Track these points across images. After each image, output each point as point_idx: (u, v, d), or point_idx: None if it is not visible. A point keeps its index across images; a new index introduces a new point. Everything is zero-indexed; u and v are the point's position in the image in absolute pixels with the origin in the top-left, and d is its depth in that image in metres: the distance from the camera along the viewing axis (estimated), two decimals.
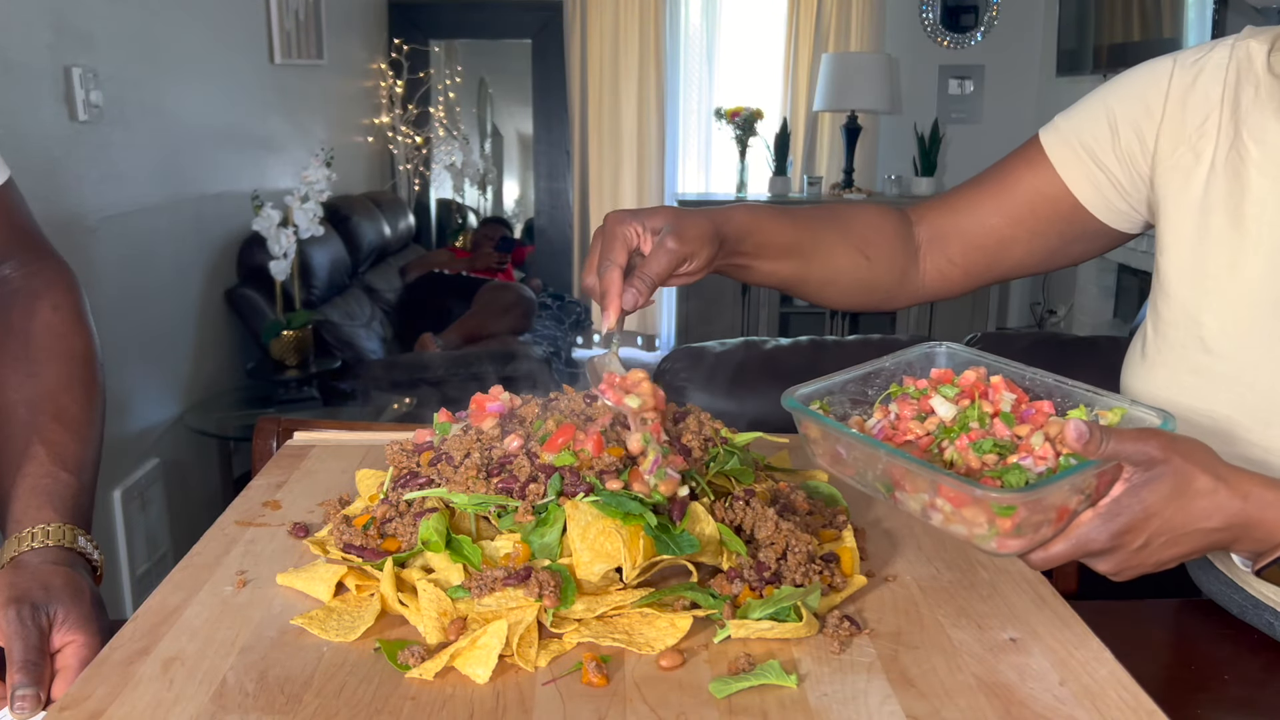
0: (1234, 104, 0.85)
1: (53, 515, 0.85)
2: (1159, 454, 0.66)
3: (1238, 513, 0.68)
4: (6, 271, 0.99)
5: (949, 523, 0.69)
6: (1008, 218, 0.98)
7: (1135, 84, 0.91)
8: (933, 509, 0.70)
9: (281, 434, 1.15)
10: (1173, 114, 0.88)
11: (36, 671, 0.73)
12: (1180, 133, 0.87)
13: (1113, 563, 0.70)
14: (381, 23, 5.13)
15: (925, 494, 0.70)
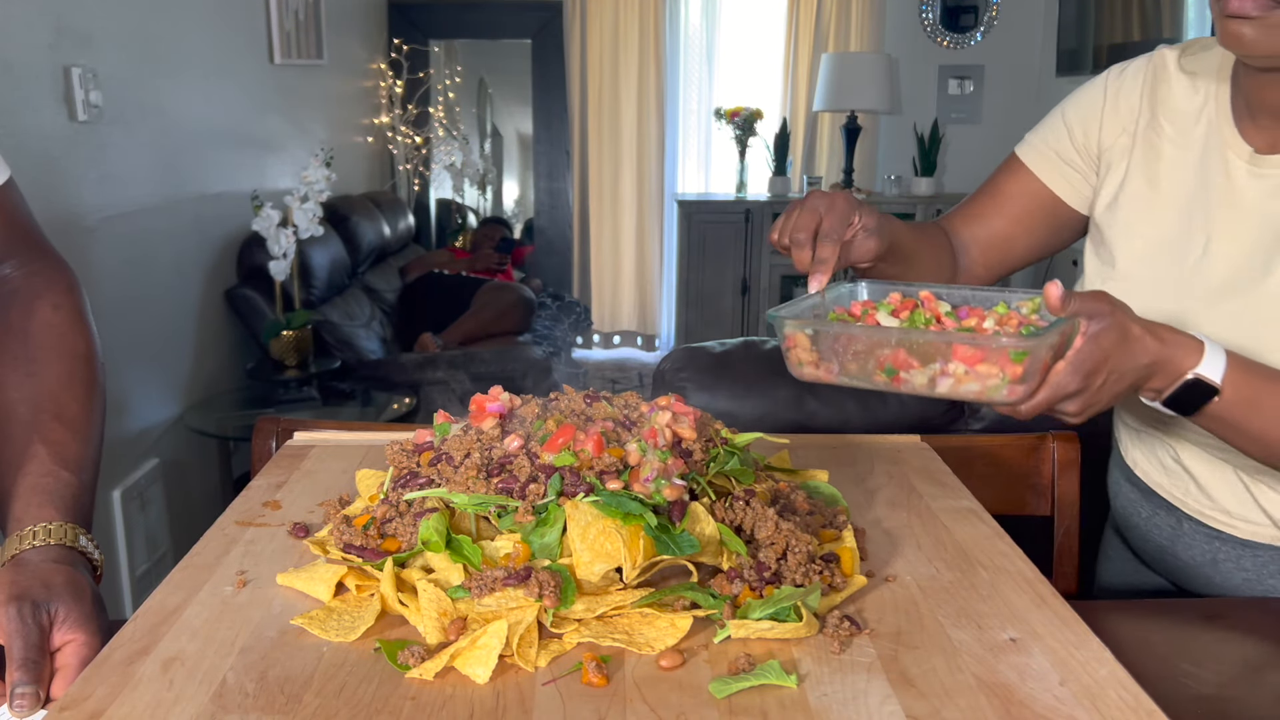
0: (1152, 95, 1.08)
1: (54, 514, 0.85)
2: (1107, 307, 0.81)
3: (1158, 352, 0.83)
4: (7, 271, 0.99)
5: (960, 384, 0.79)
6: (1009, 220, 1.19)
7: (1082, 94, 1.16)
8: (943, 375, 0.80)
9: (281, 434, 1.15)
10: (1110, 109, 1.11)
11: (36, 670, 0.73)
12: (1117, 122, 1.11)
13: (1079, 403, 0.82)
14: (381, 23, 5.13)
15: (936, 363, 0.80)
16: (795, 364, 0.86)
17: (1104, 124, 1.11)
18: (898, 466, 1.05)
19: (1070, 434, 1.20)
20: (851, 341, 0.82)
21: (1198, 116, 1.03)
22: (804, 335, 0.84)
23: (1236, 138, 1.00)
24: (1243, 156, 0.99)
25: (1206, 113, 1.03)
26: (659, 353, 5.49)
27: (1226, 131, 1.01)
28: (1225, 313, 0.98)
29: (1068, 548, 1.20)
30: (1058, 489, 1.19)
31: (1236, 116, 1.00)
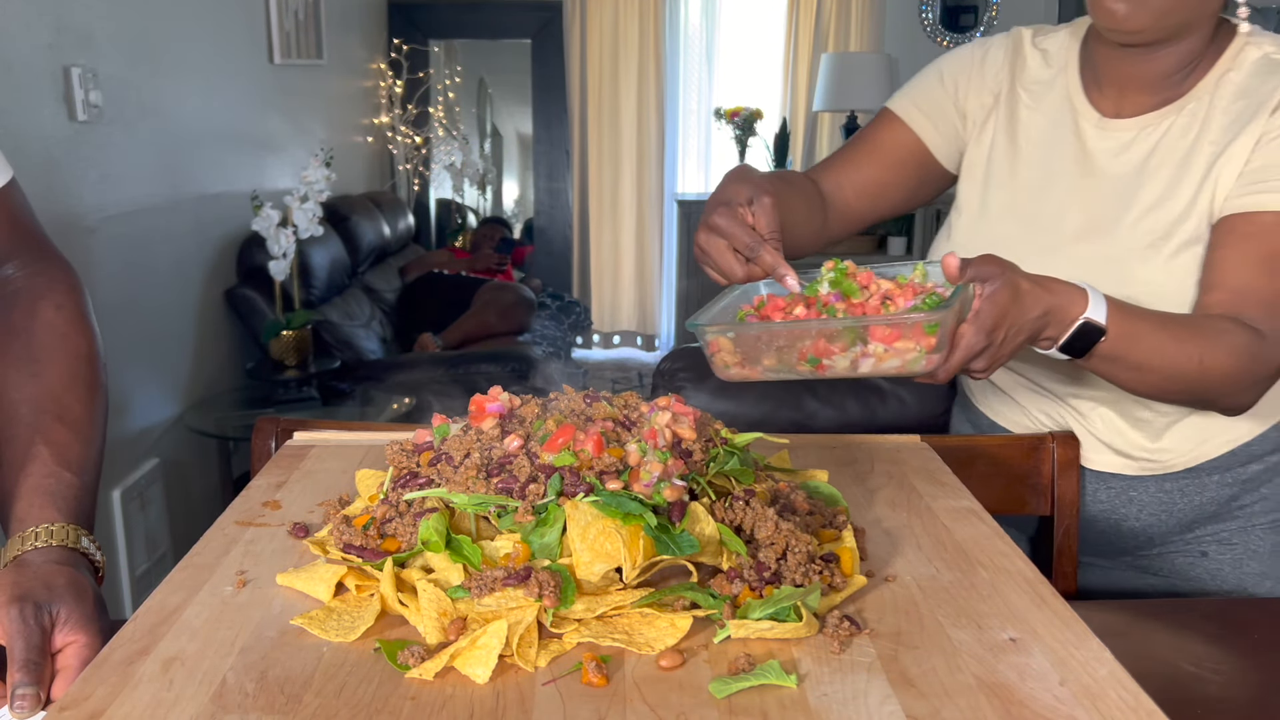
0: (1012, 66, 1.21)
1: (55, 515, 0.85)
2: (998, 269, 0.87)
3: (1049, 302, 0.90)
4: (9, 272, 0.99)
5: (881, 361, 0.84)
6: (883, 168, 1.24)
7: (956, 59, 1.24)
8: (864, 357, 0.84)
9: (281, 434, 1.15)
10: (978, 75, 1.22)
11: (37, 671, 0.73)
12: (984, 87, 1.22)
13: (986, 359, 0.87)
14: (381, 23, 5.13)
15: (855, 347, 0.84)
16: (721, 367, 0.88)
17: (973, 88, 1.22)
18: (898, 466, 1.05)
19: (1070, 434, 1.20)
20: (773, 339, 0.86)
21: (1051, 85, 1.18)
22: (726, 339, 0.87)
23: (1086, 105, 1.15)
24: (1091, 121, 1.14)
25: (1058, 83, 1.17)
26: (659, 353, 5.49)
27: (1077, 100, 1.15)
28: (1082, 256, 1.11)
29: (1067, 548, 1.20)
30: (1057, 489, 1.19)
31: (1085, 87, 1.15)
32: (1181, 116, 1.08)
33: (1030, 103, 1.18)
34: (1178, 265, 1.06)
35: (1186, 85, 1.09)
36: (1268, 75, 1.06)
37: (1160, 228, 1.08)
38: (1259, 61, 1.07)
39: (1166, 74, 1.08)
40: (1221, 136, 1.06)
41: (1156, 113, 1.10)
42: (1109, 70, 1.12)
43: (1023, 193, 1.17)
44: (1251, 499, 1.17)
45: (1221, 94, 1.07)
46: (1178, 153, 1.08)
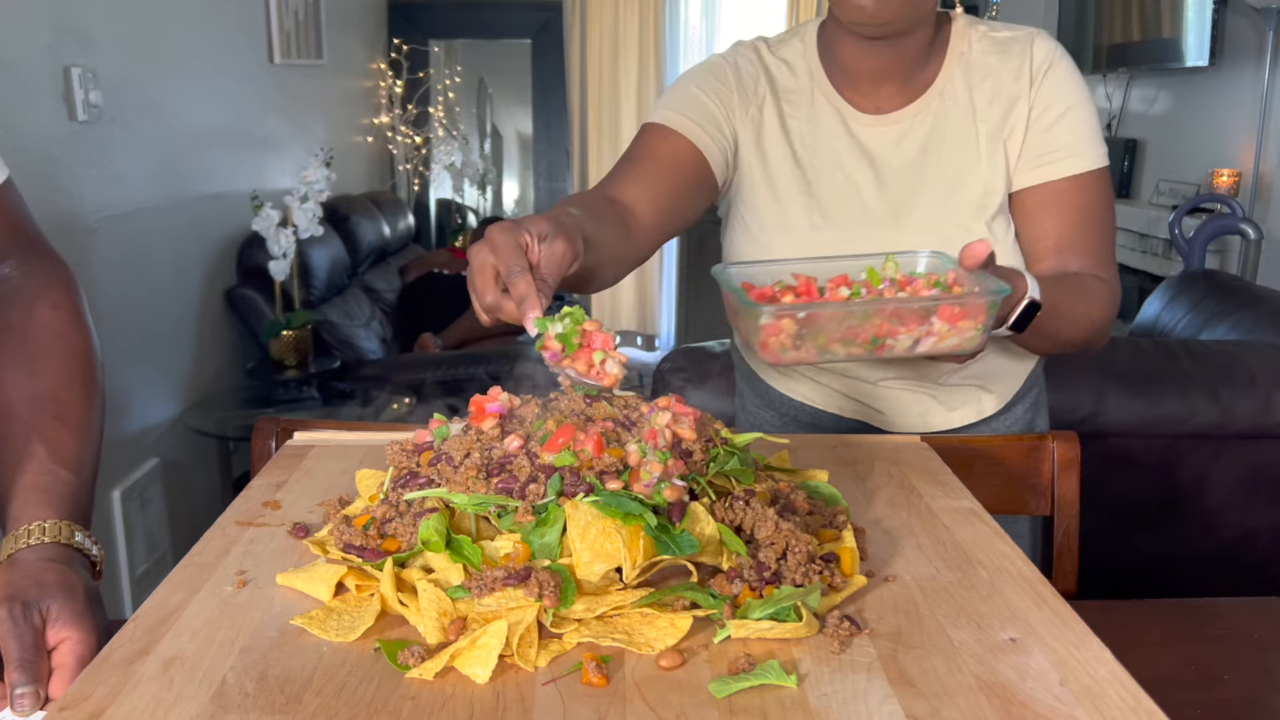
0: (767, 78, 1.22)
1: (50, 512, 0.85)
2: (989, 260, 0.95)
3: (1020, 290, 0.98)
4: (6, 271, 0.99)
5: (942, 340, 0.89)
6: (673, 182, 1.19)
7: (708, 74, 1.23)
8: (927, 336, 0.88)
9: (281, 434, 1.15)
10: (735, 90, 1.22)
11: (33, 669, 0.73)
12: (745, 99, 1.22)
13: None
14: (381, 23, 5.13)
15: (921, 327, 0.88)
16: (778, 350, 0.87)
17: (736, 101, 1.22)
18: (898, 466, 1.05)
19: (1070, 434, 1.19)
20: (847, 317, 0.85)
21: (806, 93, 1.21)
22: (790, 320, 0.85)
23: (847, 106, 1.20)
24: (859, 121, 1.19)
25: (812, 90, 1.21)
26: (659, 353, 5.49)
27: (836, 103, 1.20)
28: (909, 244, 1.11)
29: (1068, 548, 1.19)
30: (1057, 489, 1.19)
31: (838, 87, 1.20)
32: (943, 102, 1.18)
33: (794, 113, 1.21)
34: (994, 233, 1.17)
35: (930, 72, 1.19)
36: (1001, 53, 1.18)
37: (969, 202, 1.17)
38: (984, 41, 1.19)
39: (911, 62, 1.17)
40: (989, 114, 1.17)
41: (916, 103, 1.18)
42: (858, 67, 1.17)
43: (825, 199, 1.20)
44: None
45: (968, 75, 1.18)
46: (955, 134, 1.18)
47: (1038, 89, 1.16)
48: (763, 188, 1.22)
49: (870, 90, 1.19)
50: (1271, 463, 1.87)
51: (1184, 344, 1.92)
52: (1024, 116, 1.16)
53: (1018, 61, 1.17)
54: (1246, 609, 1.09)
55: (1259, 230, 3.29)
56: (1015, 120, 1.17)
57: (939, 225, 1.17)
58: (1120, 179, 4.49)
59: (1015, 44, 1.18)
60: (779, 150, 1.21)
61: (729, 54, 1.25)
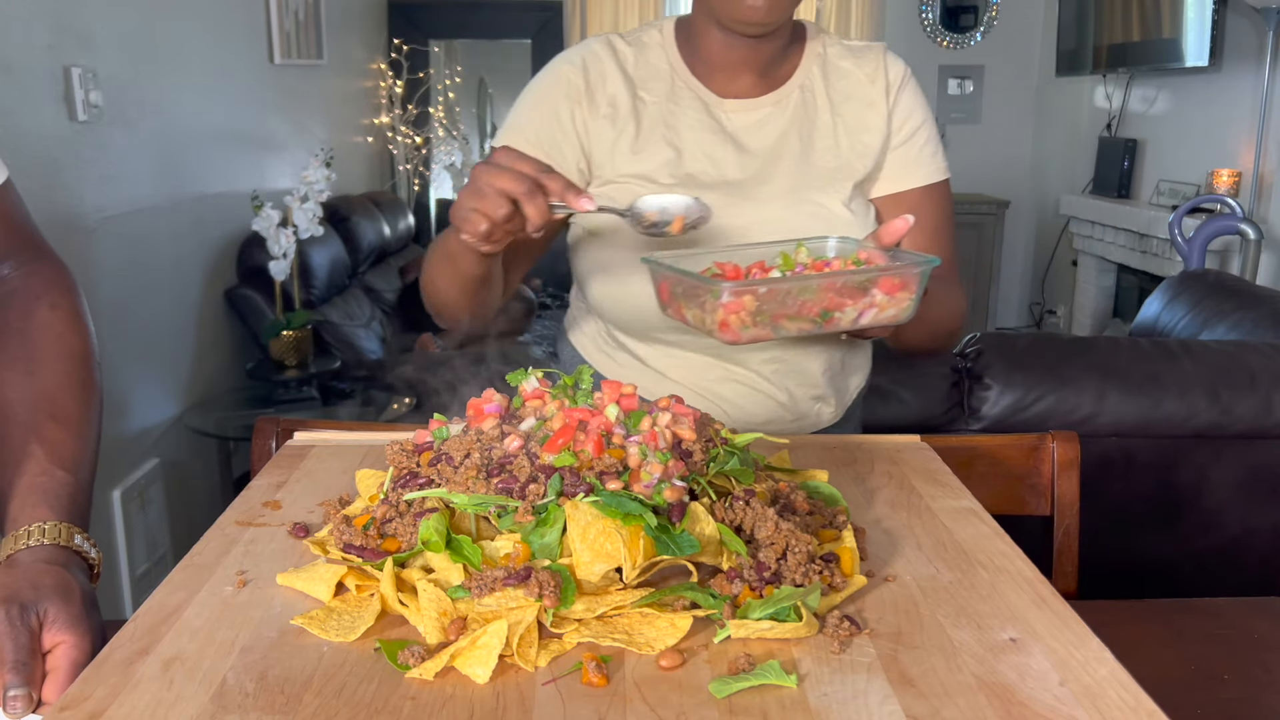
0: (623, 76, 1.22)
1: (48, 514, 0.85)
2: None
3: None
4: (4, 271, 0.99)
5: (882, 311, 0.92)
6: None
7: (555, 84, 1.23)
8: (870, 308, 0.92)
9: (281, 434, 1.15)
10: (584, 88, 1.22)
11: (27, 671, 0.73)
12: (604, 99, 1.22)
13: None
14: (381, 23, 5.13)
15: (865, 299, 0.91)
16: (738, 328, 0.88)
17: (586, 105, 1.22)
18: (898, 466, 1.05)
19: (1070, 434, 1.20)
20: (802, 292, 0.89)
21: (668, 84, 1.23)
22: (751, 297, 0.87)
23: (709, 94, 1.22)
24: (722, 107, 1.22)
25: (673, 80, 1.23)
26: None
27: (699, 91, 1.23)
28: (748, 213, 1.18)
29: (1068, 548, 1.19)
30: (1057, 488, 1.19)
31: (700, 77, 1.23)
32: (803, 94, 1.24)
33: (653, 99, 1.23)
34: (857, 207, 1.22)
35: (788, 67, 1.25)
36: (855, 58, 1.26)
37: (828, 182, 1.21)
38: (837, 46, 1.27)
39: (774, 56, 1.22)
40: (847, 109, 1.24)
41: (776, 92, 1.23)
42: (724, 59, 1.21)
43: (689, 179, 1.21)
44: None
45: (825, 73, 1.25)
46: (815, 122, 1.23)
47: (895, 101, 1.25)
48: (623, 176, 1.21)
49: (732, 80, 1.23)
50: (1271, 463, 1.87)
51: (1184, 344, 1.92)
52: (882, 123, 1.24)
53: (872, 68, 1.25)
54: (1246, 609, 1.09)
55: (1259, 230, 3.29)
56: (874, 121, 1.24)
57: (799, 202, 1.20)
58: (1120, 179, 4.49)
59: (868, 53, 1.27)
60: (639, 134, 1.22)
61: (575, 54, 1.26)
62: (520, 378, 0.87)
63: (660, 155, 1.21)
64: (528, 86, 1.28)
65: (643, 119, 1.22)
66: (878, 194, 1.26)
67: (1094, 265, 4.76)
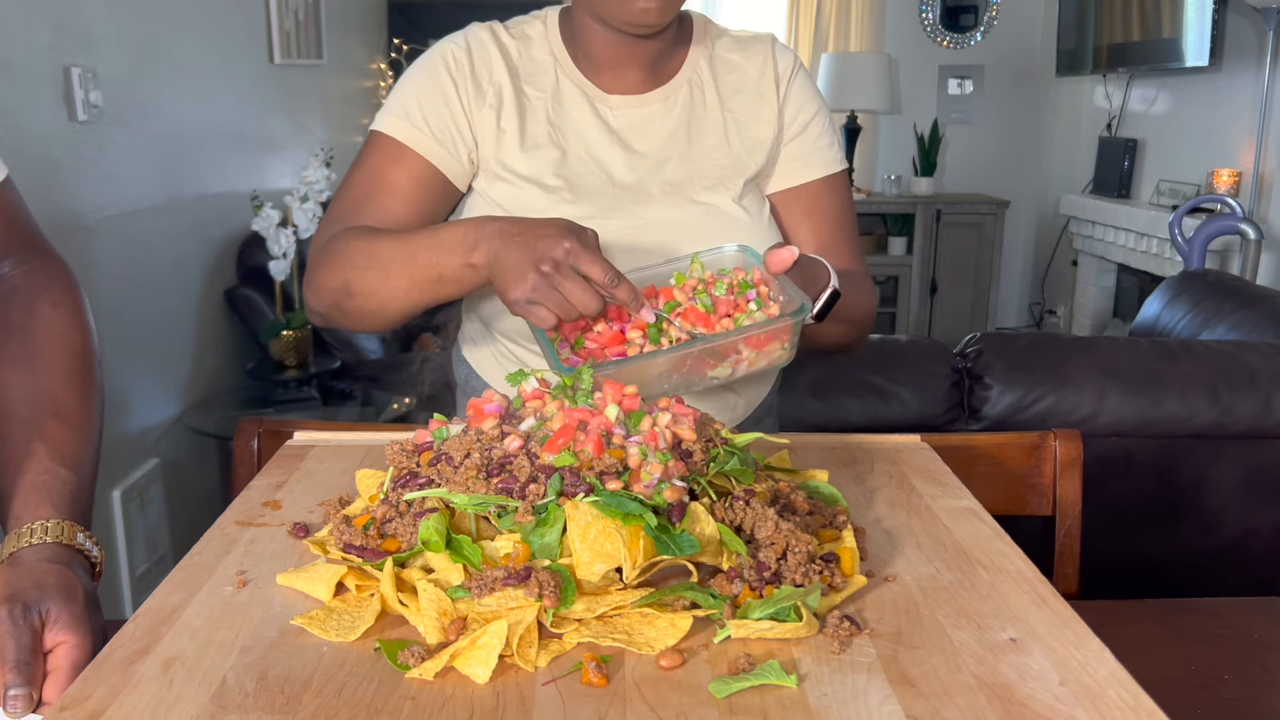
0: (506, 67, 1.19)
1: (51, 512, 0.85)
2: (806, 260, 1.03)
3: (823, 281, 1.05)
4: (6, 270, 0.99)
5: (753, 364, 0.95)
6: (414, 211, 1.17)
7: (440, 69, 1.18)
8: (739, 364, 0.94)
9: (263, 434, 1.15)
10: (472, 85, 1.18)
11: (29, 671, 0.73)
12: (489, 90, 1.18)
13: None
14: (381, 23, 5.13)
15: (731, 357, 0.93)
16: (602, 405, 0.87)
17: (472, 91, 1.18)
18: (898, 466, 1.05)
19: (1073, 432, 1.19)
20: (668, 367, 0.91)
21: (553, 78, 1.20)
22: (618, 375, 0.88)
23: (592, 87, 1.20)
24: (607, 104, 1.19)
25: (556, 71, 1.20)
26: None
27: (581, 83, 1.19)
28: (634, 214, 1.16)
29: (1069, 548, 1.19)
30: (1059, 489, 1.19)
31: (585, 72, 1.20)
32: (690, 90, 1.22)
33: (538, 94, 1.19)
34: (750, 204, 1.20)
35: (675, 61, 1.22)
36: (743, 50, 1.24)
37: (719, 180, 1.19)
38: (724, 38, 1.25)
39: (661, 52, 1.20)
40: (736, 103, 1.22)
41: (663, 88, 1.21)
42: (609, 55, 1.19)
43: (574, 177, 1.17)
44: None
45: (714, 67, 1.23)
46: (704, 119, 1.21)
47: (786, 94, 1.23)
48: (509, 174, 1.18)
49: (618, 75, 1.20)
50: (1271, 463, 1.87)
51: (1184, 344, 1.92)
52: (773, 117, 1.22)
53: (761, 60, 1.24)
54: (1246, 609, 1.09)
55: (1259, 230, 3.29)
56: (765, 114, 1.22)
57: (688, 202, 1.18)
58: (1120, 179, 4.49)
59: (756, 44, 1.25)
60: (525, 131, 1.18)
61: (460, 39, 1.21)
62: (520, 378, 0.87)
63: (546, 155, 1.17)
64: (409, 70, 1.22)
65: (526, 115, 1.18)
66: (773, 189, 1.24)
67: (1094, 265, 4.76)
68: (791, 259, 0.98)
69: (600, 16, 1.13)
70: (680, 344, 0.92)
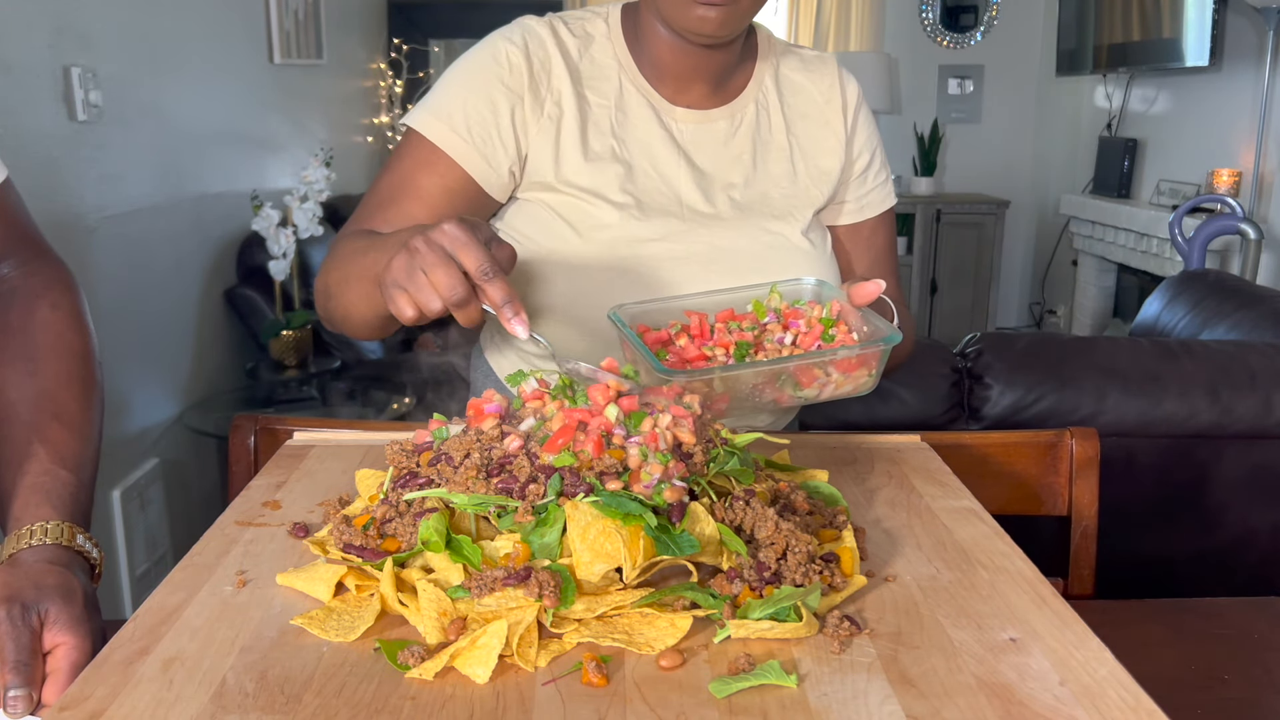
0: (567, 71, 1.12)
1: (51, 513, 0.85)
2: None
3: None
4: (5, 271, 0.99)
5: (839, 388, 0.95)
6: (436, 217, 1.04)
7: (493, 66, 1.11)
8: (826, 386, 0.94)
9: (260, 432, 1.15)
10: (528, 81, 1.11)
11: (28, 672, 0.73)
12: (538, 92, 1.11)
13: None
14: (381, 23, 5.13)
15: (820, 378, 0.93)
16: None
17: (529, 100, 1.11)
18: (898, 466, 1.05)
19: (1089, 430, 1.16)
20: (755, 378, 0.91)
21: (616, 85, 1.14)
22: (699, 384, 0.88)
23: (658, 97, 1.15)
24: (673, 115, 1.15)
25: (620, 76, 1.15)
26: None
27: (647, 92, 1.15)
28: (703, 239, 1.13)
29: (1085, 549, 1.16)
30: (1075, 488, 1.16)
31: (650, 80, 1.15)
32: (758, 110, 1.19)
33: (602, 101, 1.14)
34: (816, 237, 1.19)
35: (742, 77, 1.19)
36: (809, 71, 1.22)
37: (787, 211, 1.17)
38: (789, 55, 1.22)
39: (728, 66, 1.16)
40: (802, 129, 1.20)
41: (730, 105, 1.18)
42: (675, 64, 1.14)
43: (641, 194, 1.12)
44: None
45: (779, 87, 1.20)
46: (772, 144, 1.19)
47: (853, 128, 1.22)
48: (569, 187, 1.12)
49: (684, 87, 1.16)
50: (1271, 463, 1.87)
51: (1184, 344, 1.92)
52: (840, 149, 1.21)
53: (828, 85, 1.22)
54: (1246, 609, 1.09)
55: (1259, 230, 3.29)
56: (831, 144, 1.21)
57: (758, 230, 1.15)
58: (1120, 179, 4.49)
59: (821, 66, 1.22)
60: (587, 142, 1.12)
61: (516, 35, 1.12)
62: (519, 379, 0.87)
63: (610, 169, 1.12)
64: (458, 63, 1.13)
65: (589, 124, 1.13)
66: (835, 222, 1.25)
67: (1094, 265, 4.76)
68: (878, 291, 0.98)
69: (665, 19, 1.09)
70: (778, 358, 0.92)
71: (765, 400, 0.93)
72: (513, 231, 1.16)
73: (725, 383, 0.90)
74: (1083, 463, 1.16)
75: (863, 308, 0.98)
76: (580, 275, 1.11)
